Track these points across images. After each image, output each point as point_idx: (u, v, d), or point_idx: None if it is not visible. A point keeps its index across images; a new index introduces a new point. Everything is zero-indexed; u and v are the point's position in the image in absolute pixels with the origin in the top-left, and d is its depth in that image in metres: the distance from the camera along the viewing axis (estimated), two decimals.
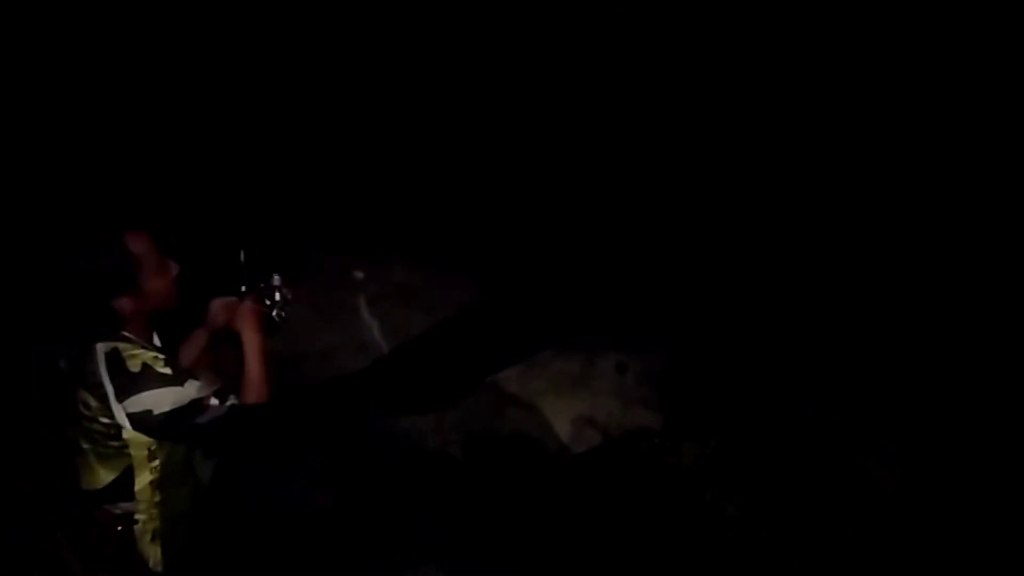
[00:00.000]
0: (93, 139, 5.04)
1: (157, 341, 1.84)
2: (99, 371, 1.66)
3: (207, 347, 2.01)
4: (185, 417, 1.67)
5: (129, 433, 1.69)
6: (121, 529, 1.77)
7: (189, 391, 1.67)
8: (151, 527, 1.79)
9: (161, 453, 1.75)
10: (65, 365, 1.72)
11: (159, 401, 1.65)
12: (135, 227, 1.74)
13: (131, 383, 1.65)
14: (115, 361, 1.66)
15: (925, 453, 3.71)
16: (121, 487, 1.74)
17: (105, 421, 1.67)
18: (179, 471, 1.81)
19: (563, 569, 3.07)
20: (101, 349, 1.67)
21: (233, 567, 2.53)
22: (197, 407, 1.68)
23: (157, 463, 1.75)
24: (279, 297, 2.00)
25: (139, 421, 1.66)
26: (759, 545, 3.22)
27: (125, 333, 1.72)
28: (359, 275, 5.04)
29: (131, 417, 1.66)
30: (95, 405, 1.67)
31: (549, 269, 5.10)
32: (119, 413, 1.66)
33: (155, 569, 1.82)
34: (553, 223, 5.47)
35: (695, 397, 4.10)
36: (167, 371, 1.67)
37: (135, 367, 1.66)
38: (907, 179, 4.79)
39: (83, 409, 1.69)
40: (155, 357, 1.69)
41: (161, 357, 1.71)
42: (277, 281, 2.02)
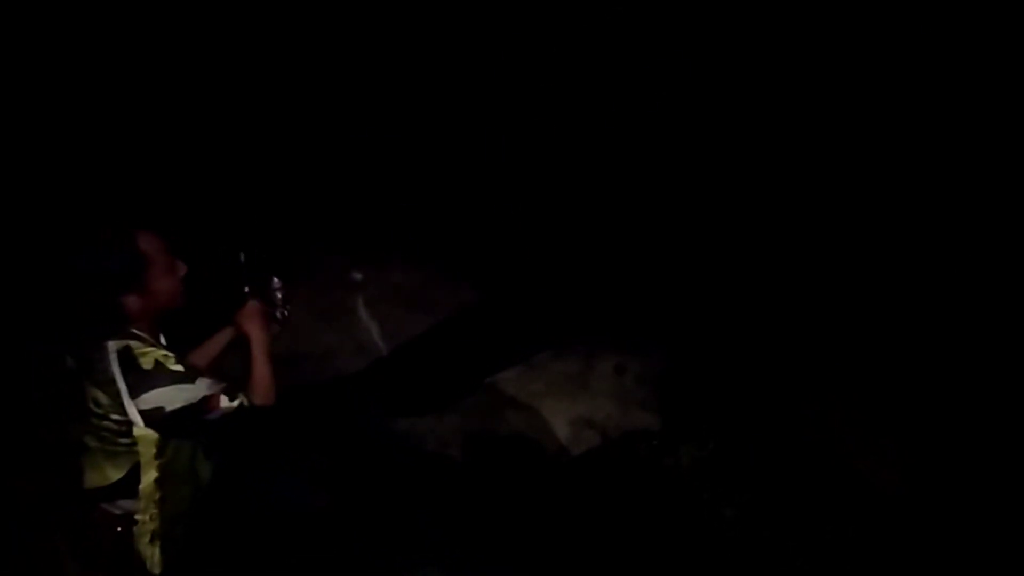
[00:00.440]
0: (93, 139, 5.05)
1: (163, 340, 1.84)
2: (111, 368, 1.66)
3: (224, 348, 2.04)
4: (195, 415, 1.69)
5: (139, 430, 1.69)
6: (120, 530, 1.77)
7: (200, 389, 1.69)
8: (150, 527, 1.79)
9: (168, 451, 1.76)
10: (72, 363, 1.71)
11: (172, 398, 1.67)
12: (144, 227, 1.75)
13: (144, 380, 1.66)
14: (128, 358, 1.67)
15: (925, 453, 3.71)
16: (125, 486, 1.74)
17: (116, 418, 1.68)
18: (183, 470, 1.81)
19: (563, 569, 3.07)
20: (112, 347, 1.68)
21: (233, 567, 2.53)
22: (207, 405, 1.70)
23: (163, 461, 1.75)
24: (280, 297, 2.02)
25: (151, 418, 1.68)
26: (759, 546, 3.22)
27: (135, 331, 1.73)
28: (358, 276, 5.03)
29: (143, 414, 1.67)
30: (106, 402, 1.67)
31: (548, 270, 5.10)
32: (131, 410, 1.67)
33: (152, 570, 1.81)
34: (552, 224, 5.47)
35: (694, 399, 4.11)
36: (178, 368, 1.69)
37: (148, 364, 1.67)
38: (907, 180, 4.79)
39: (92, 407, 1.69)
40: (165, 355, 1.71)
41: (171, 355, 1.72)
42: (277, 284, 2.04)
